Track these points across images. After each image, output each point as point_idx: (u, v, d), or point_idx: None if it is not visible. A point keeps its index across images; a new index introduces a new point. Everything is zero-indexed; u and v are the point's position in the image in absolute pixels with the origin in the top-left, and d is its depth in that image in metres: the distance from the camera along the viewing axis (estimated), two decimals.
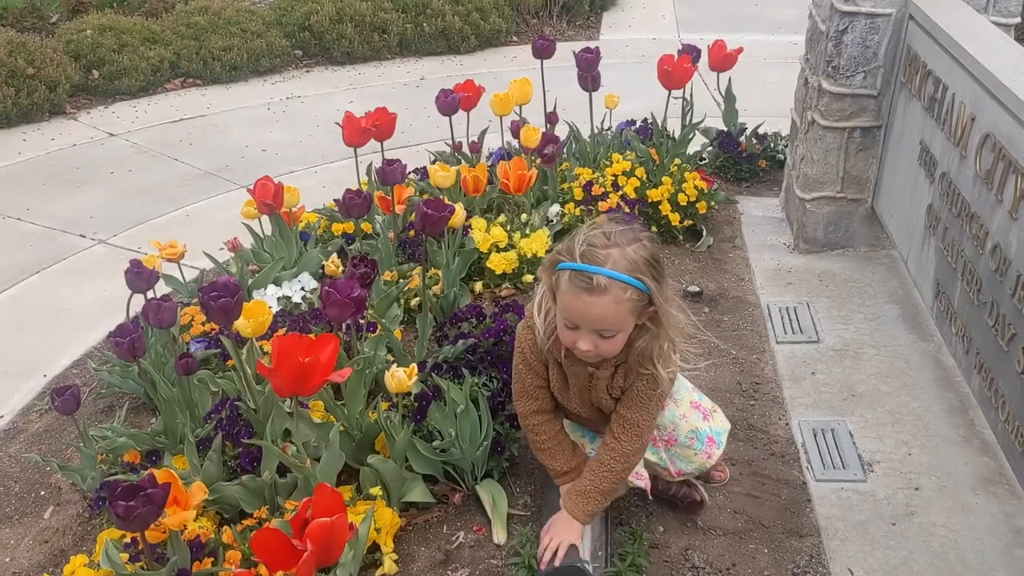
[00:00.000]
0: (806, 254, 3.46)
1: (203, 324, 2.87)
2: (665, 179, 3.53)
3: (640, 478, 2.13)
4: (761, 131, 4.24)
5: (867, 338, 2.94)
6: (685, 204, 3.50)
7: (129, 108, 5.69)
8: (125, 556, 1.94)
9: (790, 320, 3.06)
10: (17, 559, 2.29)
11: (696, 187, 3.53)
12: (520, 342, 2.04)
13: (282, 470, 2.16)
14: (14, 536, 2.37)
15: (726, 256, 3.51)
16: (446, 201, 2.67)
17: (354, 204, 2.87)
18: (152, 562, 1.86)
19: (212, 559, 1.94)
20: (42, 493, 2.52)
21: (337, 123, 3.29)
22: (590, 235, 1.82)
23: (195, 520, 2.06)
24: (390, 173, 3.00)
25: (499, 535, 2.20)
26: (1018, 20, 3.01)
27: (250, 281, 3.06)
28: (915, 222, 2.90)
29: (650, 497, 2.24)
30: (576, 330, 1.84)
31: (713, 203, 3.63)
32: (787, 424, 2.61)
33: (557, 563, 1.94)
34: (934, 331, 2.87)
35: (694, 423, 2.15)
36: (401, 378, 2.17)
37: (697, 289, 3.22)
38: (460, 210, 2.94)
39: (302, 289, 3.03)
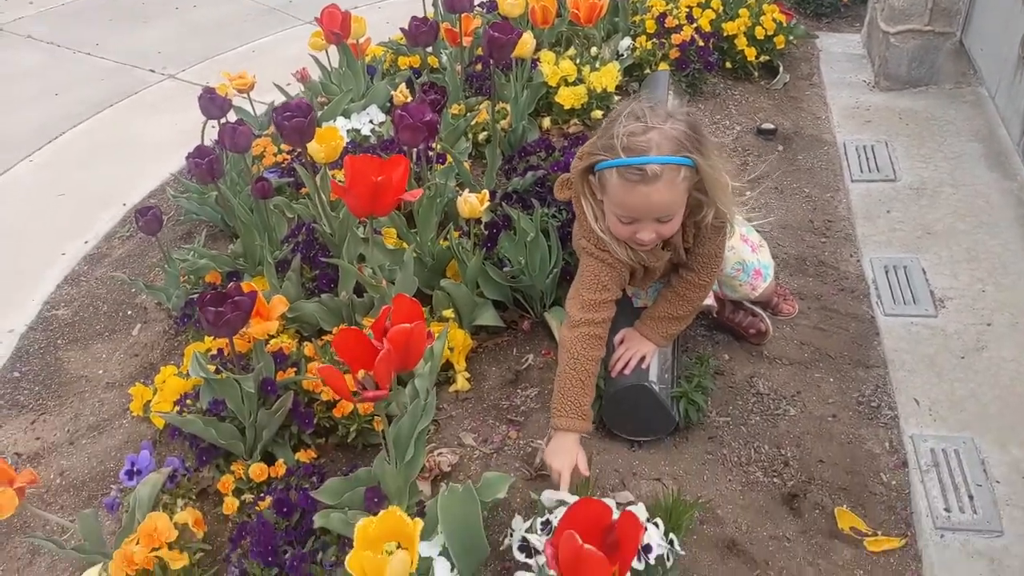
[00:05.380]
0: (887, 91, 3.32)
1: (275, 155, 2.90)
2: (742, 11, 3.39)
3: (708, 296, 2.16)
4: None
5: (947, 176, 2.86)
6: (762, 38, 3.37)
7: None
8: (212, 367, 2.04)
9: (867, 158, 2.98)
10: (110, 371, 2.43)
11: (774, 20, 3.38)
12: (596, 258, 1.93)
13: (358, 290, 2.22)
14: (105, 351, 2.50)
15: (802, 94, 3.40)
16: None
17: (420, 32, 2.82)
18: (239, 370, 1.95)
19: (295, 369, 2.03)
20: (129, 312, 2.64)
21: None
22: (624, 126, 1.72)
23: (276, 336, 2.15)
24: (457, 1, 2.92)
25: None
26: None
27: (319, 113, 3.06)
28: (1007, 54, 2.76)
29: (714, 315, 2.28)
30: (633, 223, 1.80)
31: (791, 38, 3.48)
32: (858, 261, 2.59)
33: (628, 372, 1.99)
34: (1018, 170, 2.77)
35: (741, 255, 2.16)
36: (473, 203, 2.18)
37: (771, 127, 3.13)
38: (529, 38, 2.86)
39: (370, 122, 3.03)
